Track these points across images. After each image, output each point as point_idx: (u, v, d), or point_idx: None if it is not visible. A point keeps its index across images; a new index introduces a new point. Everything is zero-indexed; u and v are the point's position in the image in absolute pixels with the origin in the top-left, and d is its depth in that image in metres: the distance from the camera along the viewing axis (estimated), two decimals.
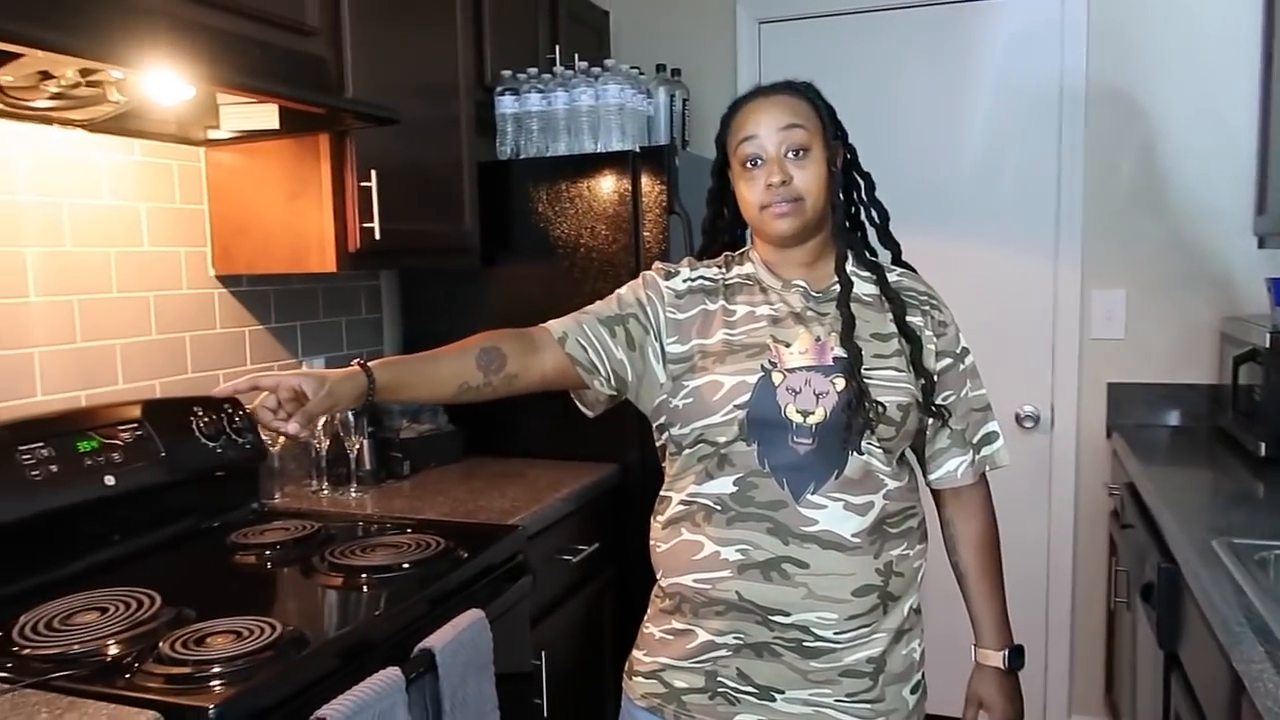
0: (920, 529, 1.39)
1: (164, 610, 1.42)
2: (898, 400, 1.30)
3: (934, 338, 1.38)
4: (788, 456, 1.29)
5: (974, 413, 1.42)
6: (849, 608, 1.29)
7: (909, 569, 1.35)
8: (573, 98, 2.41)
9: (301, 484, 2.22)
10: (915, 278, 1.45)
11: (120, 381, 1.85)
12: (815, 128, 1.35)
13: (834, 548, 1.28)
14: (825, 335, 1.33)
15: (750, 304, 1.38)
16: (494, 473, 2.34)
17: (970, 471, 1.42)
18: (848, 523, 1.28)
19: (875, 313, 1.36)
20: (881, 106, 2.90)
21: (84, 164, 1.78)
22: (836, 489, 1.28)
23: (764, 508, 1.29)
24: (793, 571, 1.28)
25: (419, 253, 2.20)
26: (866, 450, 1.29)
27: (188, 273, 2.00)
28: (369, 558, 1.67)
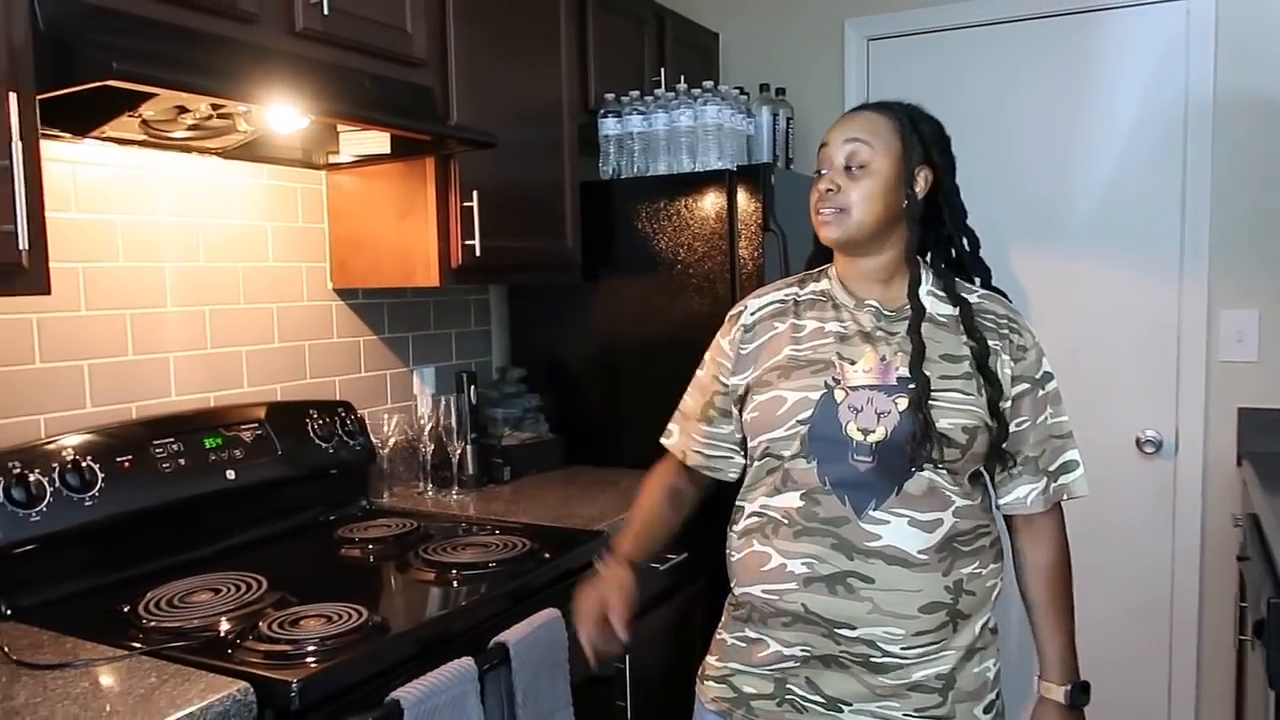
0: (994, 548, 1.39)
1: (269, 594, 1.56)
2: (962, 423, 1.30)
3: (1010, 362, 1.37)
4: (848, 473, 1.31)
5: (1052, 440, 1.39)
6: (916, 624, 1.30)
7: (981, 587, 1.35)
8: (672, 119, 2.48)
9: (409, 485, 2.36)
10: (998, 300, 1.44)
11: (245, 385, 2.02)
12: (885, 146, 1.37)
13: (899, 564, 1.29)
14: (891, 355, 1.34)
15: (820, 320, 1.41)
16: (590, 481, 2.42)
17: (1041, 499, 1.39)
18: (913, 539, 1.30)
19: (949, 334, 1.37)
20: (996, 123, 2.85)
21: (217, 188, 1.97)
22: (899, 505, 1.30)
23: (828, 523, 1.32)
24: (858, 586, 1.30)
25: (520, 269, 2.31)
26: (929, 468, 1.31)
27: (308, 286, 2.17)
28: (458, 555, 1.77)
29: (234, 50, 1.60)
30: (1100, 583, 2.75)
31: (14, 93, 1.27)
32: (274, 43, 1.68)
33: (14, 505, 1.50)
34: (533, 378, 2.67)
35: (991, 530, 1.38)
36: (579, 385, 2.66)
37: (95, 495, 1.60)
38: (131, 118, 1.66)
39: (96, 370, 1.75)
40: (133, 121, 1.68)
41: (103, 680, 1.25)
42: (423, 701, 1.33)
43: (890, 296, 1.40)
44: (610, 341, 2.60)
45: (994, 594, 1.39)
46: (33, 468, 1.54)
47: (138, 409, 1.81)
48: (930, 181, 1.40)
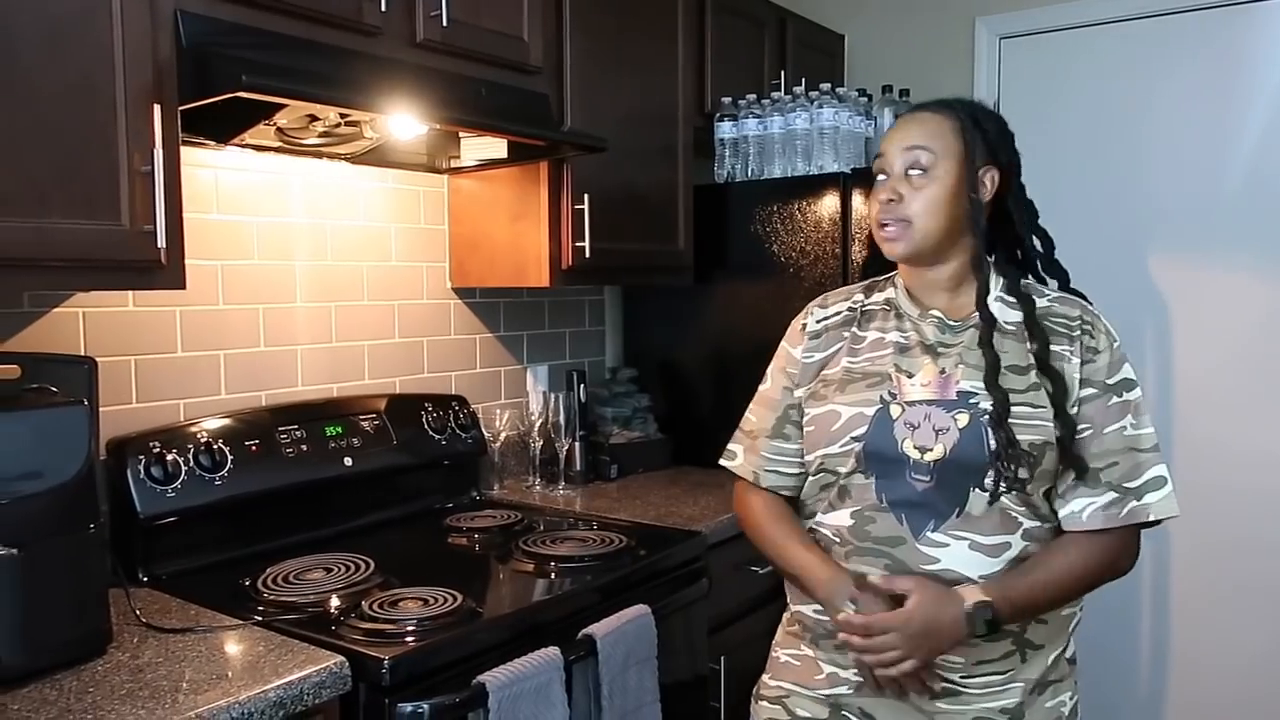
0: None
1: (375, 575, 1.64)
2: (1031, 439, 1.23)
3: (1079, 364, 1.26)
4: (905, 492, 1.26)
5: (1131, 452, 1.25)
6: (976, 652, 1.24)
7: (1055, 616, 1.27)
8: (788, 121, 2.47)
9: (518, 478, 2.43)
10: (1074, 302, 1.33)
11: (366, 377, 2.13)
12: (947, 149, 1.29)
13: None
14: (951, 368, 1.28)
15: (882, 330, 1.36)
16: (695, 482, 2.43)
17: (1100, 515, 1.24)
18: (973, 564, 1.23)
19: (1014, 343, 1.29)
20: (1135, 124, 2.70)
21: (345, 191, 2.09)
22: (959, 528, 1.24)
23: (881, 543, 1.27)
24: None
25: (631, 270, 2.36)
26: (992, 489, 1.23)
27: (428, 285, 2.27)
28: (556, 548, 1.82)
29: (359, 61, 1.70)
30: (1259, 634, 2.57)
31: (158, 104, 1.39)
32: (396, 53, 1.77)
33: (153, 482, 1.64)
34: (643, 378, 2.71)
35: None
36: (689, 386, 2.68)
37: (224, 476, 1.72)
38: (267, 126, 1.79)
39: (231, 360, 1.89)
40: (269, 130, 1.81)
41: (219, 646, 1.36)
42: (508, 686, 1.38)
43: (956, 305, 1.34)
44: (721, 344, 2.61)
45: (1072, 623, 1.31)
46: (171, 448, 1.68)
47: (266, 397, 1.95)
48: (997, 183, 1.32)
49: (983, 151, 1.30)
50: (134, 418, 1.72)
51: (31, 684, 1.22)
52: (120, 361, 1.71)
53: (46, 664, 1.25)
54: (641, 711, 1.64)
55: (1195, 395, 2.65)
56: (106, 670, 1.27)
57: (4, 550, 1.19)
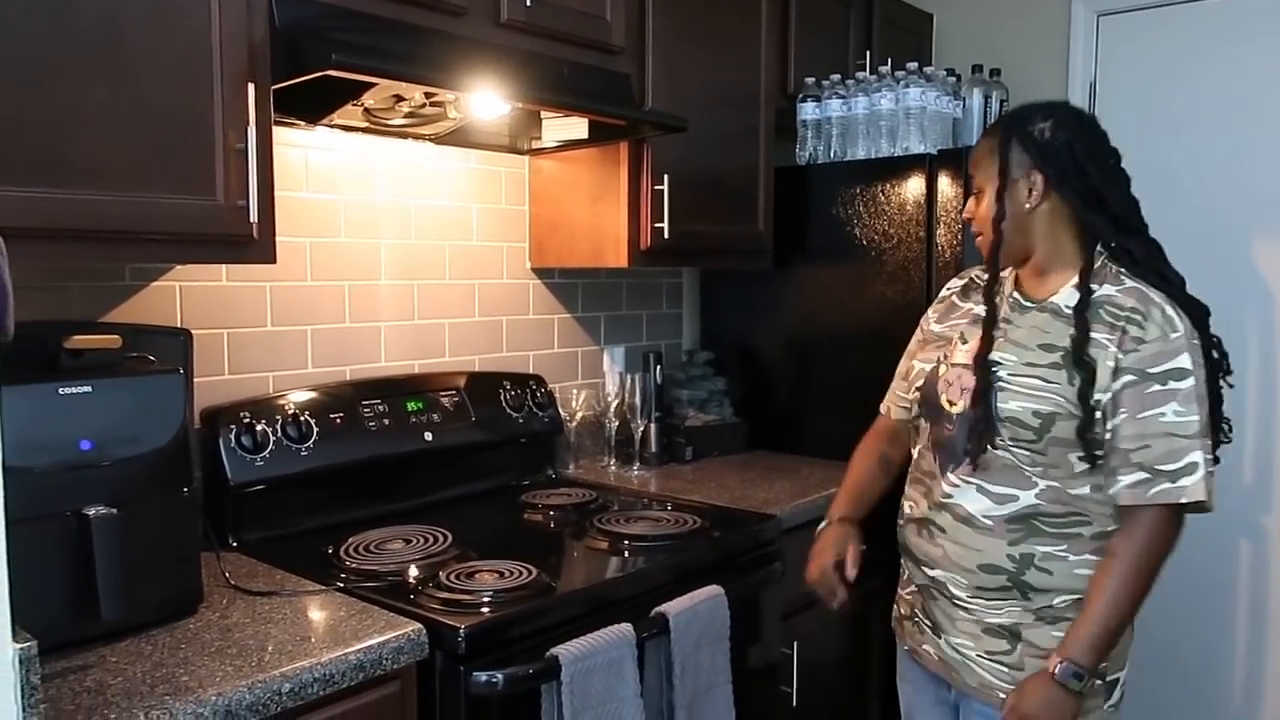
0: (1100, 539, 1.42)
1: (453, 548, 1.68)
2: (1034, 407, 1.40)
3: (1118, 353, 1.38)
4: (941, 435, 1.53)
5: (1167, 437, 1.35)
6: (975, 579, 1.47)
7: (1067, 573, 1.43)
8: (872, 102, 2.42)
9: (594, 458, 2.45)
10: (1137, 293, 1.41)
11: (446, 355, 2.17)
12: (987, 171, 1.49)
13: (964, 522, 1.48)
14: (992, 340, 1.49)
15: (975, 303, 1.57)
16: (771, 466, 2.42)
17: (1130, 494, 1.37)
18: (980, 504, 1.46)
19: (1063, 324, 1.44)
20: (1240, 104, 2.58)
21: (429, 172, 2.12)
22: (971, 474, 1.47)
23: (924, 474, 1.57)
24: (935, 532, 1.52)
25: (710, 253, 2.34)
26: (1004, 446, 1.43)
27: (508, 265, 2.30)
28: (630, 527, 1.83)
29: (444, 41, 1.72)
30: None
31: (252, 83, 1.43)
32: (480, 34, 1.79)
33: (243, 450, 1.70)
34: (720, 361, 2.70)
35: (1100, 520, 1.42)
36: (765, 371, 2.66)
37: (310, 447, 1.78)
38: (355, 107, 1.82)
39: (318, 335, 1.94)
40: (356, 110, 1.85)
41: (302, 609, 1.40)
42: (580, 660, 1.39)
43: (1041, 288, 1.50)
44: (799, 328, 2.58)
45: (1087, 582, 1.42)
46: (260, 418, 1.74)
47: (351, 371, 2.00)
48: (1041, 186, 1.45)
49: (1024, 161, 1.45)
50: (226, 389, 1.79)
51: (128, 638, 1.28)
52: (214, 334, 1.77)
53: (143, 620, 1.31)
54: (713, 692, 1.64)
55: None
56: (198, 628, 1.32)
57: (105, 510, 1.24)
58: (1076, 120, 1.48)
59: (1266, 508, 2.56)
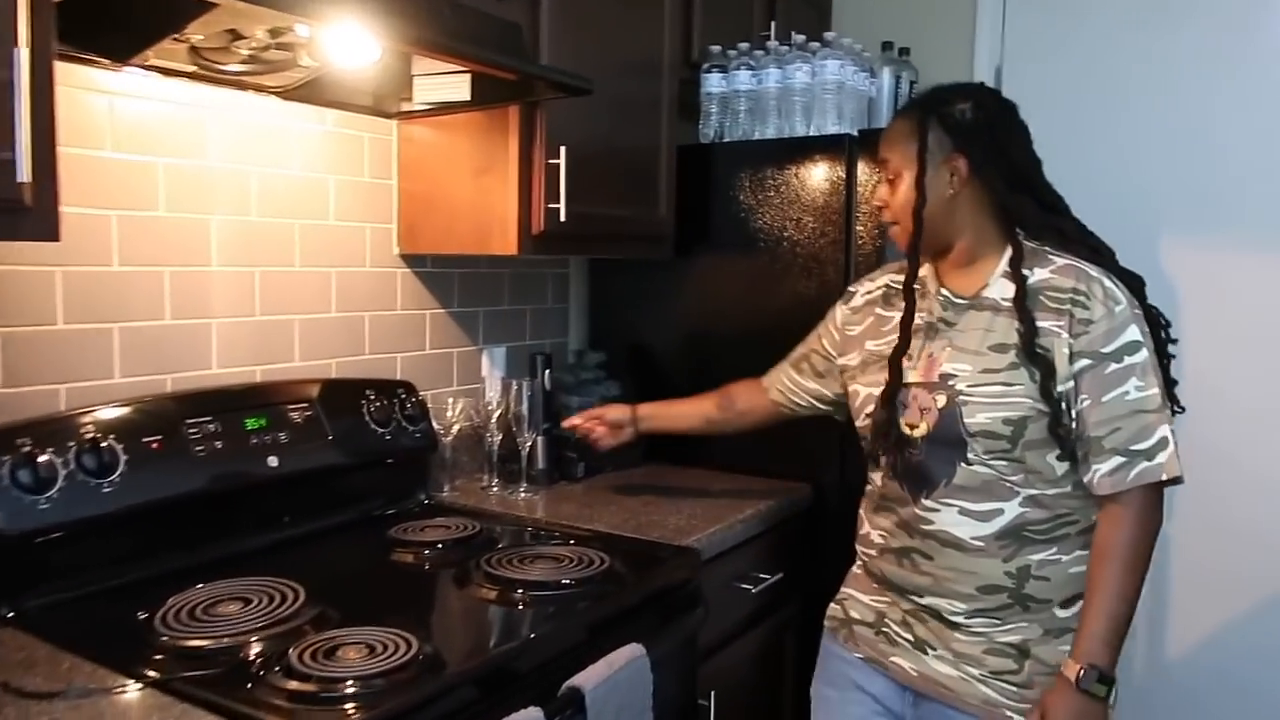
0: (1088, 534, 1.37)
1: (307, 607, 1.32)
2: (1004, 415, 1.33)
3: (1069, 339, 1.33)
4: (905, 463, 1.43)
5: (1135, 415, 1.30)
6: (976, 602, 1.39)
7: (1060, 574, 1.37)
8: (786, 75, 2.18)
9: (473, 477, 2.11)
10: (1074, 271, 1.36)
11: (296, 358, 1.79)
12: (904, 153, 1.42)
13: (953, 547, 1.39)
14: (939, 351, 1.42)
15: (900, 310, 1.48)
16: (674, 483, 2.15)
17: (1110, 481, 1.31)
18: (967, 527, 1.38)
19: (1006, 318, 1.37)
20: (1153, 89, 2.47)
21: (275, 132, 1.73)
22: (950, 495, 1.38)
23: (894, 502, 1.47)
24: (920, 561, 1.43)
25: (608, 239, 2.05)
26: (979, 461, 1.35)
27: (372, 250, 1.93)
28: (526, 570, 1.51)
29: None
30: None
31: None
32: None
33: (20, 490, 1.29)
34: (613, 363, 2.40)
35: (1086, 516, 1.37)
36: (664, 374, 2.38)
37: (116, 481, 1.38)
38: (178, 43, 1.43)
39: (128, 335, 1.53)
40: (180, 48, 1.45)
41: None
42: None
43: (965, 282, 1.44)
44: (702, 326, 2.32)
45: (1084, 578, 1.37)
46: (45, 446, 1.33)
47: (173, 382, 1.59)
48: (965, 170, 1.39)
49: (945, 143, 1.39)
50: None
51: None
52: None
53: None
54: None
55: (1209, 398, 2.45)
56: None
57: None
58: (995, 101, 1.46)
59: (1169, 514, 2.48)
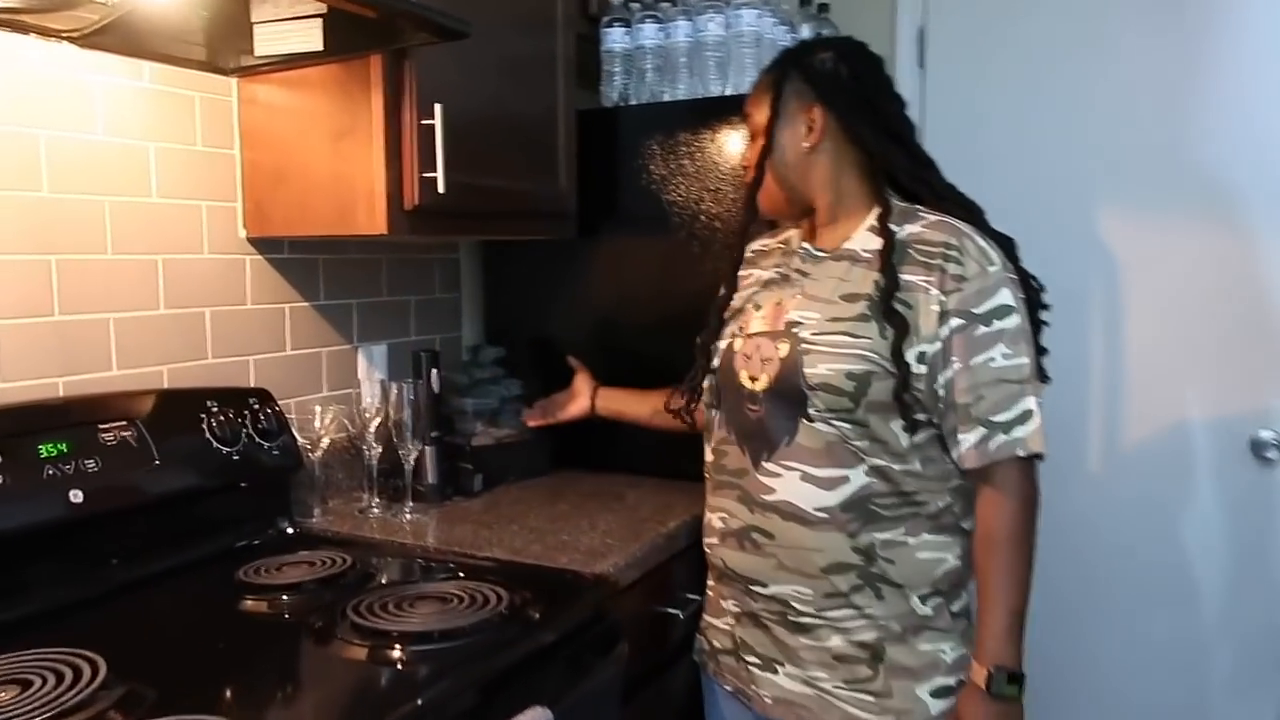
0: (938, 519, 1.30)
1: (107, 688, 1.01)
2: (847, 368, 1.25)
3: (940, 295, 1.24)
4: (743, 422, 1.35)
5: (1002, 384, 1.22)
6: (824, 584, 1.29)
7: (910, 559, 1.29)
8: (697, 27, 1.93)
9: (350, 497, 1.81)
10: (946, 226, 1.28)
11: (114, 367, 1.46)
12: (763, 105, 1.37)
13: (795, 520, 1.29)
14: (788, 299, 1.35)
15: (765, 267, 1.45)
16: (586, 493, 1.88)
17: (974, 453, 1.23)
18: (808, 496, 1.28)
19: (865, 269, 1.30)
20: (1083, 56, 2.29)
21: (73, 88, 1.40)
22: (791, 458, 1.29)
23: (733, 475, 1.37)
24: (762, 541, 1.33)
25: (500, 217, 1.76)
26: (820, 419, 1.27)
27: (211, 233, 1.61)
28: (405, 618, 1.22)
29: None
30: (1203, 613, 2.26)
31: None
32: None
33: None
34: (513, 359, 2.11)
35: (932, 500, 1.29)
36: (570, 369, 2.10)
37: None
38: None
39: None
40: None
41: None
42: None
43: (829, 236, 1.38)
44: (613, 313, 2.06)
45: (939, 570, 1.30)
46: None
47: None
48: (821, 120, 1.34)
49: (805, 93, 1.35)
50: None
51: None
52: None
53: None
54: None
55: (1147, 366, 2.30)
56: None
57: None
58: (863, 54, 1.39)
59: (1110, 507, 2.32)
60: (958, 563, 1.33)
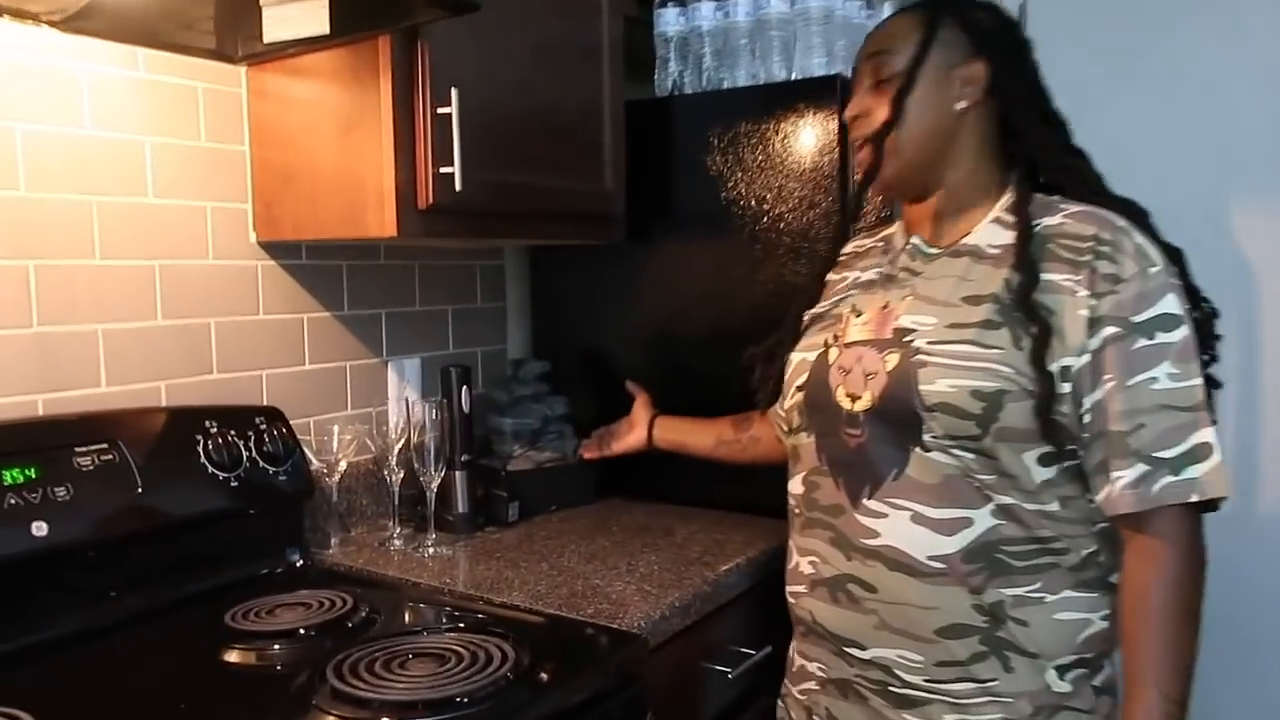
0: (1081, 571, 1.07)
1: None
2: (973, 385, 1.03)
3: (1089, 298, 1.02)
4: (840, 450, 1.14)
5: (1163, 411, 1.00)
6: (937, 650, 1.08)
7: (1047, 620, 1.06)
8: (759, 5, 1.73)
9: (376, 525, 1.66)
10: (1095, 217, 1.07)
11: (103, 383, 1.34)
12: (906, 46, 1.12)
13: (903, 570, 1.08)
14: (897, 301, 1.14)
15: (863, 268, 1.24)
16: (631, 527, 1.68)
17: (1130, 495, 1.01)
18: (921, 541, 1.07)
19: (989, 269, 1.09)
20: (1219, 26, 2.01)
21: (52, 77, 1.28)
22: (899, 494, 1.08)
23: (826, 512, 1.16)
24: (860, 594, 1.12)
25: (531, 219, 1.59)
26: (938, 447, 1.05)
27: (217, 237, 1.47)
28: (391, 683, 1.04)
29: None
30: None
31: None
32: None
33: None
34: (561, 374, 1.94)
35: (1077, 545, 1.07)
36: (621, 387, 1.91)
37: None
38: None
39: None
40: None
41: None
42: None
43: (946, 230, 1.16)
44: (667, 326, 1.86)
45: (1082, 633, 1.08)
46: None
47: None
48: (984, 79, 1.11)
49: (962, 44, 1.12)
50: None
51: None
52: None
53: None
54: None
55: None
56: None
57: None
58: (1017, 21, 1.18)
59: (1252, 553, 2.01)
60: (1104, 624, 1.09)
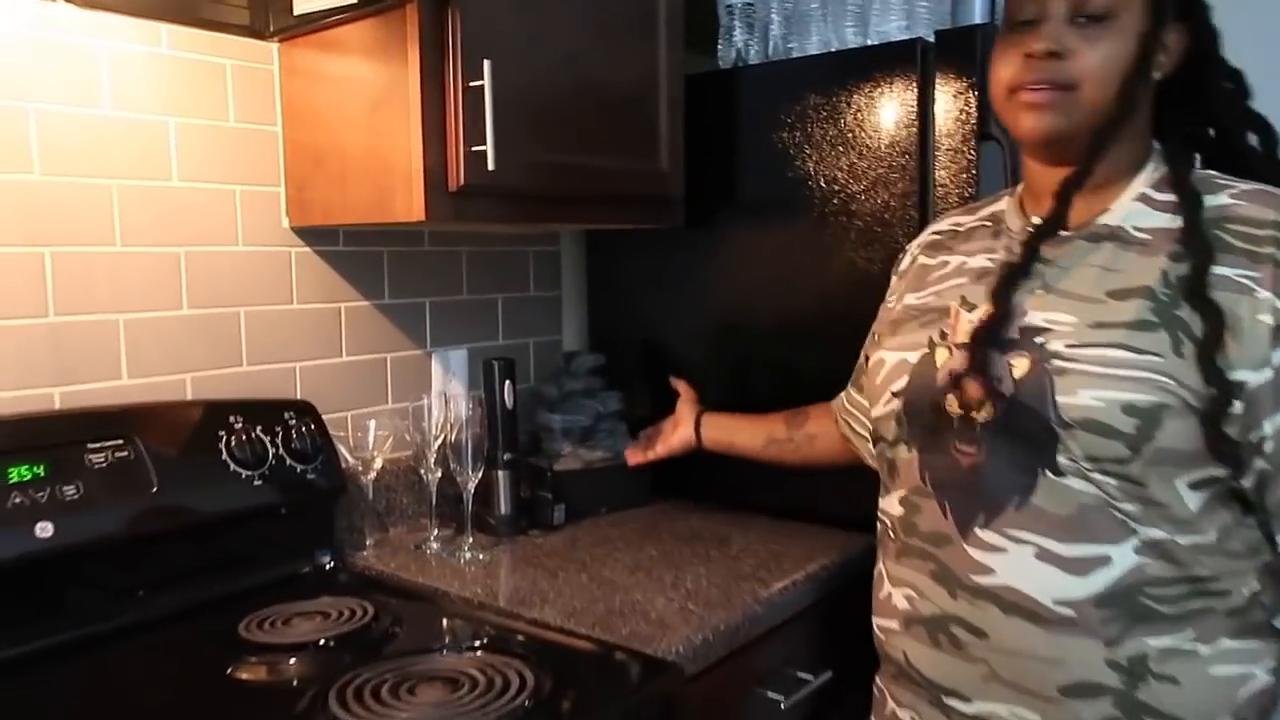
0: (1243, 615, 0.90)
1: None
2: (1125, 398, 0.86)
3: (1273, 300, 0.85)
4: (947, 468, 0.97)
5: None
6: (1060, 711, 0.90)
7: (1201, 677, 0.89)
8: None
9: (417, 524, 1.58)
10: (1273, 200, 0.90)
11: (124, 375, 1.28)
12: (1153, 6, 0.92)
13: (1022, 615, 0.91)
14: (1024, 296, 0.96)
15: (969, 253, 1.07)
16: (684, 534, 1.56)
17: None
18: (1045, 583, 0.90)
19: (1140, 257, 0.92)
20: None
21: (68, 54, 1.22)
22: (1022, 525, 0.91)
23: (928, 541, 1.00)
24: (966, 640, 0.96)
25: (578, 202, 1.47)
26: (1075, 471, 0.88)
27: (246, 222, 1.41)
28: (396, 711, 0.96)
29: None
30: None
31: None
32: None
33: None
34: (617, 368, 1.83)
35: (1238, 585, 0.90)
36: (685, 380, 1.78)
37: None
38: None
39: None
40: None
41: None
42: None
43: (1080, 209, 0.96)
44: (730, 317, 1.73)
45: (1243, 690, 0.90)
46: None
47: None
48: (1186, 44, 0.95)
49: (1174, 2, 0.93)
50: None
51: None
52: None
53: None
54: None
55: None
56: None
57: None
58: None
59: None
60: (1269, 679, 0.92)
